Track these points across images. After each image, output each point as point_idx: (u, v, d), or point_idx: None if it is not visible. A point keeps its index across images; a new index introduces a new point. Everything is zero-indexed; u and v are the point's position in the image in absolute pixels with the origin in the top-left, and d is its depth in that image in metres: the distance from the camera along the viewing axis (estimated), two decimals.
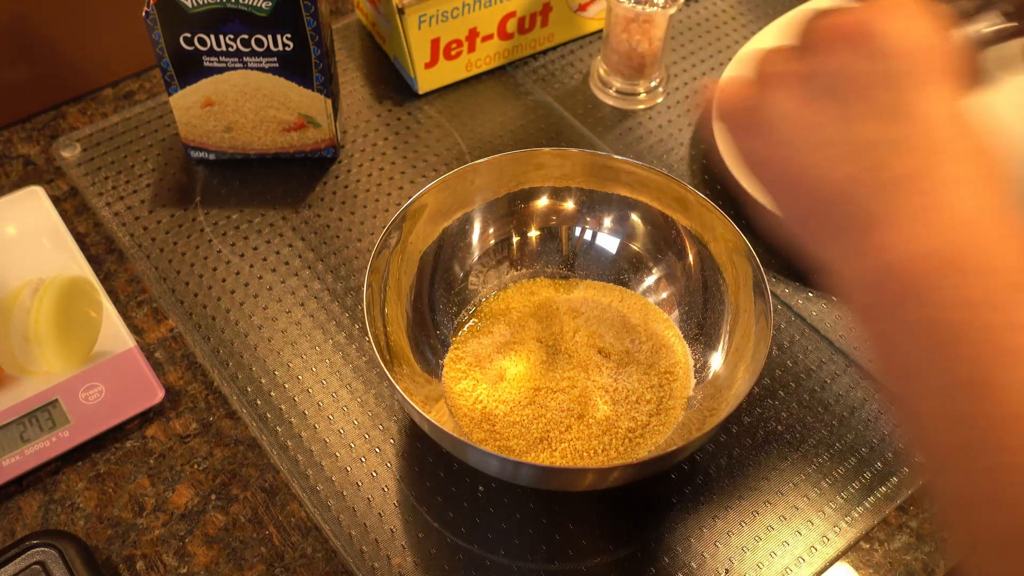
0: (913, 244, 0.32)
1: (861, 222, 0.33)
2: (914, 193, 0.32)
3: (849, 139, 0.33)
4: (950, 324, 0.30)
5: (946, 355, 0.30)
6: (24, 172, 0.68)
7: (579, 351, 0.55)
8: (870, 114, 0.33)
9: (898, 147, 0.33)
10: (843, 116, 0.33)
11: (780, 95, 0.35)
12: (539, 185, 0.59)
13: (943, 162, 0.32)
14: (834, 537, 0.52)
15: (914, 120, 0.33)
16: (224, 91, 0.63)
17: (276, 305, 0.61)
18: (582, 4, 0.75)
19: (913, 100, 0.33)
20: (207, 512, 0.52)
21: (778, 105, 0.35)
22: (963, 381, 0.30)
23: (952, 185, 0.32)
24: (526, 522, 0.52)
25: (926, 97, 0.33)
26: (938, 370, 0.31)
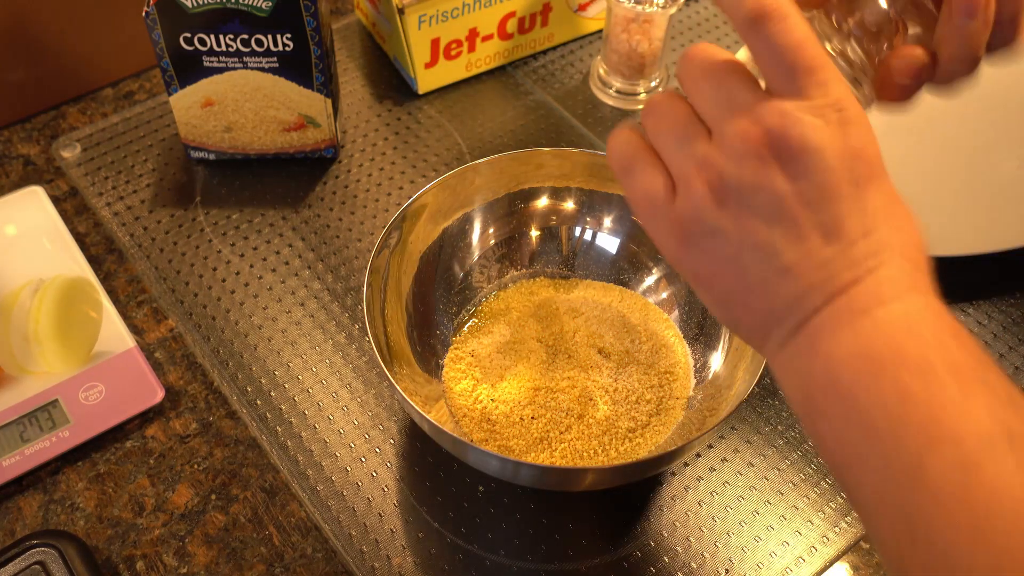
0: (840, 347, 0.33)
1: (799, 331, 0.34)
2: (850, 300, 0.33)
3: (792, 257, 0.33)
4: (882, 421, 0.31)
5: (879, 450, 0.31)
6: (24, 172, 0.68)
7: (579, 351, 0.55)
8: (806, 232, 0.33)
9: (837, 261, 0.33)
10: (782, 236, 0.33)
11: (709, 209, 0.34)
12: (539, 185, 0.59)
13: (873, 267, 0.33)
14: (834, 537, 0.52)
15: (844, 233, 0.33)
16: (224, 91, 0.63)
17: (276, 305, 0.61)
18: (582, 4, 0.75)
19: (841, 213, 0.33)
20: (207, 512, 0.52)
21: (710, 221, 0.34)
22: (897, 472, 0.31)
23: (882, 288, 0.33)
24: (526, 522, 0.52)
25: (851, 209, 0.33)
26: (873, 464, 0.31)
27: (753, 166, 0.33)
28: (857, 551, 0.51)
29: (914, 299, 0.33)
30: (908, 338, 0.32)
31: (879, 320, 0.32)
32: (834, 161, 0.33)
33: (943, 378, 0.31)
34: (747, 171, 0.33)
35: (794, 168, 0.33)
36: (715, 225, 0.34)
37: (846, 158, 0.33)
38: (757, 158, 0.33)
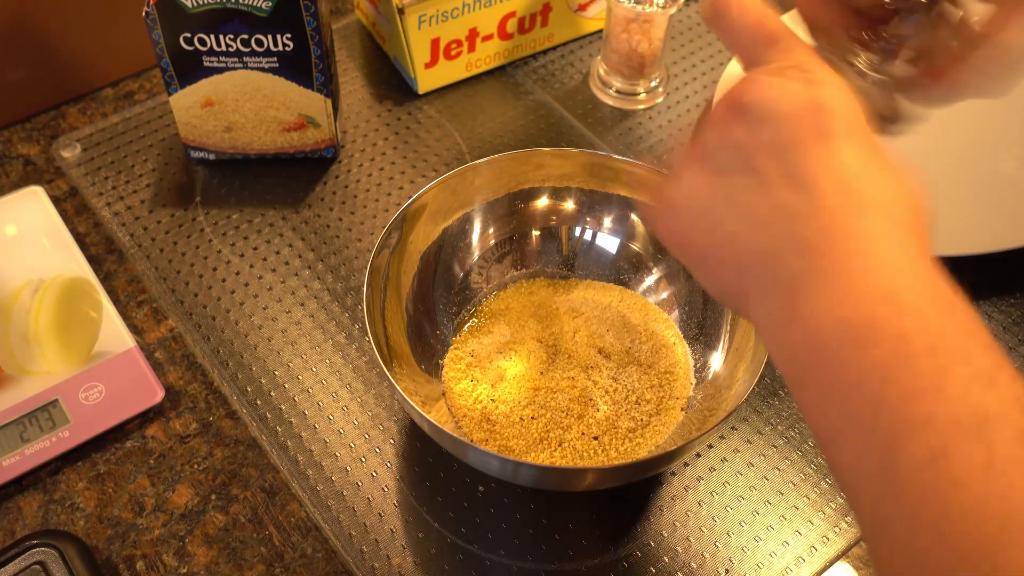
0: (825, 312, 0.32)
1: (780, 291, 0.33)
2: (827, 259, 0.32)
3: (761, 207, 0.34)
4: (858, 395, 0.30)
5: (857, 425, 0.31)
6: (24, 172, 0.68)
7: (579, 351, 0.55)
8: (774, 181, 0.33)
9: (805, 211, 0.33)
10: (750, 185, 0.34)
11: (685, 175, 0.36)
12: (539, 185, 0.59)
13: (851, 223, 0.32)
14: (834, 537, 0.52)
15: (815, 184, 0.33)
16: (224, 91, 0.63)
17: (276, 305, 0.61)
18: (582, 4, 0.75)
19: (807, 163, 0.33)
20: (207, 512, 0.52)
21: (685, 184, 0.36)
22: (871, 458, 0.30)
23: (861, 247, 0.32)
24: (526, 522, 0.52)
25: (820, 159, 0.33)
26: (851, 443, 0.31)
27: (719, 129, 0.35)
28: (857, 551, 0.51)
29: (895, 260, 0.32)
30: (885, 307, 0.31)
31: (858, 284, 0.31)
32: (791, 111, 0.33)
33: (919, 356, 0.30)
34: (714, 134, 0.35)
35: (750, 120, 0.34)
36: (690, 184, 0.36)
37: (807, 109, 0.33)
38: (723, 122, 0.35)
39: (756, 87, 0.34)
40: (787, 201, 0.33)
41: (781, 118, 0.33)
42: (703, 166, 0.36)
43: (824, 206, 0.32)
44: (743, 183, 0.34)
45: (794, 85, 0.34)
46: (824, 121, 0.33)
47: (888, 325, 0.30)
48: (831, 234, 0.32)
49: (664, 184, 0.38)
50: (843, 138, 0.33)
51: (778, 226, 0.33)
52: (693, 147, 0.36)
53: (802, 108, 0.33)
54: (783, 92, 0.33)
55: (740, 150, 0.34)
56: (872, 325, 0.31)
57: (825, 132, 0.33)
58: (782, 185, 0.33)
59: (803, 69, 0.34)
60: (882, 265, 0.31)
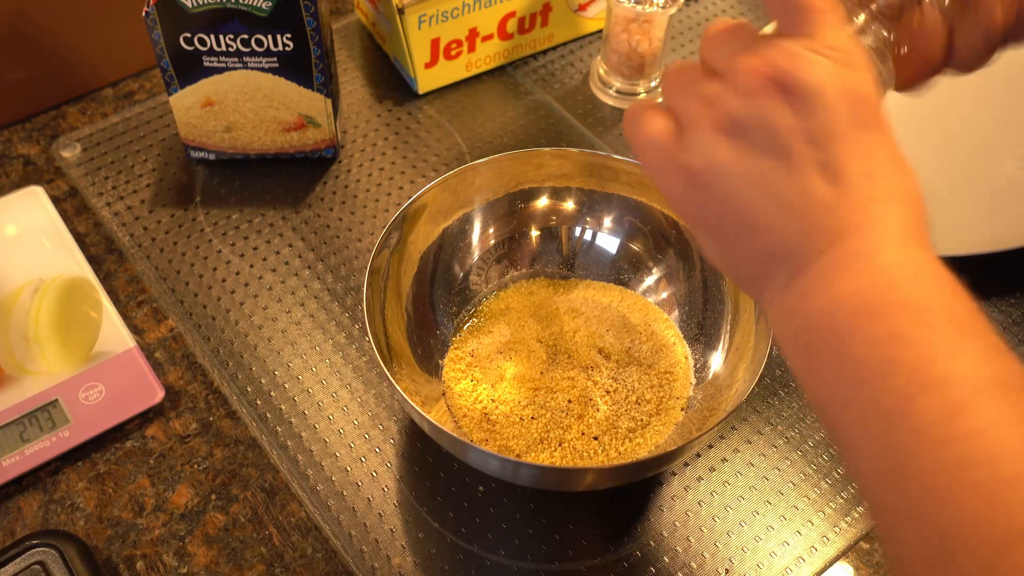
0: (840, 287, 0.33)
1: (799, 273, 0.34)
2: (851, 242, 0.33)
3: (793, 193, 0.34)
4: (873, 360, 0.31)
5: (868, 390, 0.31)
6: (24, 172, 0.68)
7: (579, 351, 0.55)
8: (808, 170, 0.33)
9: (835, 201, 0.33)
10: (784, 172, 0.33)
11: (713, 145, 0.34)
12: (539, 185, 0.59)
13: (875, 213, 0.33)
14: (834, 537, 0.52)
15: (846, 175, 0.33)
16: (224, 91, 0.63)
17: (276, 305, 0.61)
18: (582, 4, 0.75)
19: (843, 154, 0.33)
20: (207, 512, 0.52)
21: (713, 156, 0.34)
22: (884, 412, 0.31)
23: (883, 234, 0.33)
24: (526, 522, 0.52)
25: (853, 151, 0.33)
26: (862, 403, 0.32)
27: (759, 101, 0.34)
28: (857, 551, 0.51)
29: (915, 249, 0.33)
30: (907, 284, 0.32)
31: (879, 264, 0.32)
32: (838, 102, 0.33)
33: (938, 323, 0.31)
34: (754, 106, 0.34)
35: (798, 104, 0.33)
36: (720, 160, 0.34)
37: (850, 101, 0.33)
38: (763, 93, 0.33)
39: (804, 66, 0.33)
40: (819, 190, 0.33)
41: (826, 108, 0.33)
42: (733, 139, 0.34)
43: (851, 197, 0.33)
44: (778, 168, 0.34)
45: (841, 73, 0.33)
46: (861, 113, 0.33)
47: (910, 297, 0.32)
48: (856, 223, 0.33)
49: (681, 146, 0.35)
50: (873, 130, 0.34)
51: (808, 214, 0.33)
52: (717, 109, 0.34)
53: (845, 99, 0.33)
54: (830, 79, 0.33)
55: (779, 132, 0.33)
56: (896, 296, 0.32)
57: (861, 124, 0.33)
58: (816, 174, 0.33)
59: (845, 52, 0.34)
60: (899, 250, 0.33)
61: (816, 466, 0.54)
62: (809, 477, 0.54)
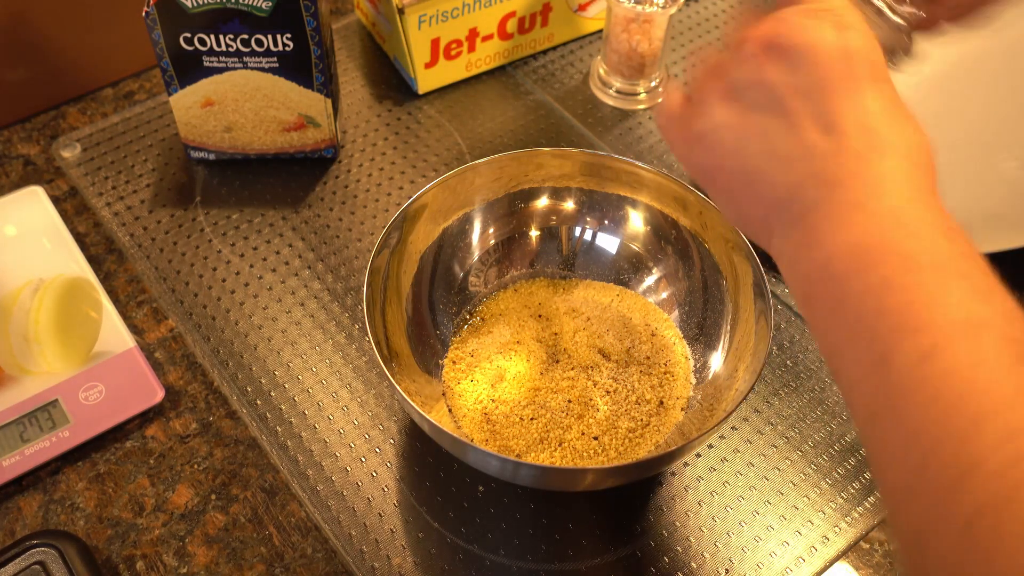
0: (841, 236, 0.34)
1: (800, 222, 0.36)
2: (848, 192, 0.34)
3: (790, 145, 0.36)
4: (865, 309, 0.33)
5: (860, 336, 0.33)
6: (24, 172, 0.68)
7: (579, 351, 0.55)
8: (803, 122, 0.35)
9: (831, 151, 0.35)
10: (781, 125, 0.36)
11: (716, 108, 0.38)
12: (539, 185, 0.59)
13: (872, 162, 0.34)
14: (834, 537, 0.52)
15: (841, 126, 0.35)
16: (224, 91, 0.63)
17: (276, 305, 0.61)
18: (582, 4, 0.75)
19: (836, 107, 0.35)
20: (207, 512, 0.52)
21: (716, 117, 0.37)
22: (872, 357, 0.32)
23: (880, 183, 0.34)
24: (526, 522, 0.52)
25: (847, 103, 0.35)
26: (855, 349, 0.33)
27: (752, 64, 0.36)
28: (857, 551, 0.51)
29: (909, 195, 0.34)
30: (898, 232, 0.33)
31: (874, 213, 0.34)
32: (826, 56, 0.35)
33: (924, 271, 0.32)
34: (749, 68, 0.36)
35: (787, 62, 0.36)
36: (720, 119, 0.37)
37: (839, 55, 0.35)
38: (756, 57, 0.36)
39: (793, 29, 0.35)
40: (815, 141, 0.35)
41: (816, 63, 0.35)
42: (734, 102, 0.37)
43: (848, 147, 0.35)
44: (774, 122, 0.36)
45: (828, 31, 0.35)
46: (854, 67, 0.35)
47: (896, 245, 0.33)
48: (852, 172, 0.34)
49: (691, 114, 0.39)
50: (868, 84, 0.35)
51: (806, 164, 0.35)
52: (722, 80, 0.37)
53: (835, 54, 0.35)
54: (818, 37, 0.35)
55: (773, 90, 0.36)
56: (881, 247, 0.33)
57: (854, 77, 0.35)
58: (811, 126, 0.35)
59: (836, 12, 0.36)
60: (896, 198, 0.34)
61: (816, 466, 0.54)
62: (809, 477, 0.54)
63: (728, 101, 0.37)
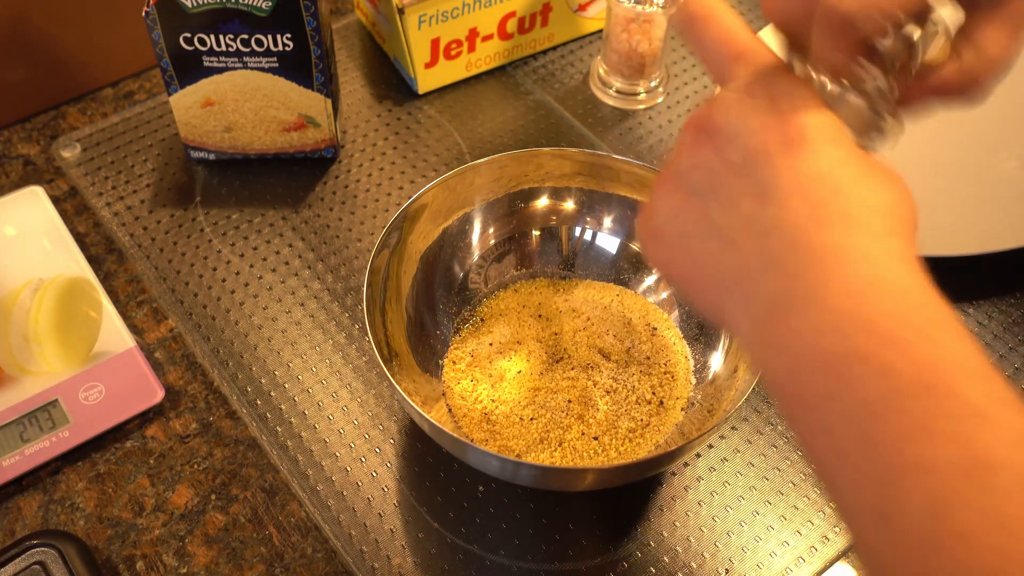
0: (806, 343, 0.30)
1: (757, 312, 0.33)
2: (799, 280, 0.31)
3: (731, 224, 0.34)
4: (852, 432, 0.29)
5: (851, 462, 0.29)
6: (24, 172, 0.68)
7: (579, 351, 0.55)
8: (739, 198, 0.33)
9: (772, 225, 0.32)
10: (718, 204, 0.34)
11: (664, 199, 0.37)
12: (539, 185, 0.59)
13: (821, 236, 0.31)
14: (834, 537, 0.52)
15: (778, 195, 0.32)
16: (224, 91, 0.63)
17: (276, 305, 0.61)
18: (582, 4, 0.75)
19: (768, 176, 0.32)
20: (207, 512, 0.52)
21: (664, 207, 0.37)
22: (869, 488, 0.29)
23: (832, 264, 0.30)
24: (526, 522, 0.52)
25: (785, 170, 0.32)
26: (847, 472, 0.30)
27: (688, 151, 0.36)
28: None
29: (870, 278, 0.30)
30: (864, 337, 0.29)
31: (830, 312, 0.30)
32: (756, 126, 0.33)
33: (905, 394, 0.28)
34: (687, 156, 0.36)
35: (718, 141, 0.34)
36: (669, 212, 0.37)
37: (772, 123, 0.33)
38: (692, 144, 0.36)
39: (721, 106, 0.34)
40: (754, 215, 0.33)
41: (746, 134, 0.33)
42: (677, 189, 0.36)
43: (789, 220, 0.32)
44: (714, 203, 0.34)
45: (759, 102, 0.34)
46: (792, 132, 0.32)
47: (871, 358, 0.29)
48: (799, 250, 0.31)
49: (646, 209, 0.38)
50: (812, 148, 0.32)
51: (748, 242, 0.33)
52: (667, 171, 0.37)
53: (766, 122, 0.33)
54: (747, 109, 0.34)
55: (709, 170, 0.35)
56: (854, 358, 0.29)
57: (793, 143, 0.32)
58: (749, 200, 0.33)
59: (768, 84, 0.34)
60: (855, 286, 0.30)
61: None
62: (809, 477, 0.54)
63: (673, 192, 0.36)
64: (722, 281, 0.35)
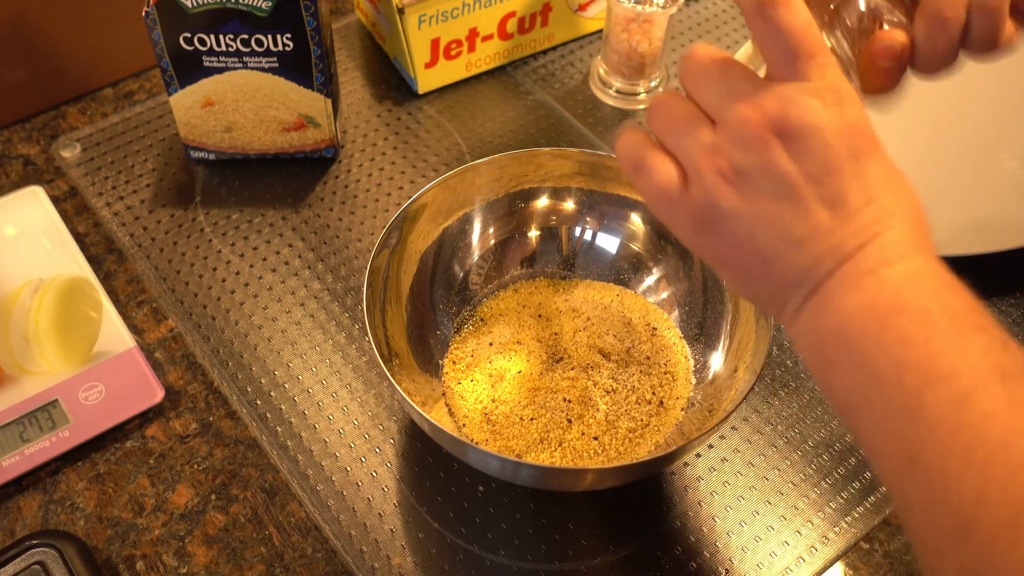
0: (849, 302, 0.35)
1: (814, 294, 0.36)
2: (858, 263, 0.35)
3: (801, 229, 0.36)
4: (884, 364, 0.34)
5: (882, 391, 0.34)
6: (24, 172, 0.68)
7: (579, 351, 0.55)
8: (812, 206, 0.35)
9: (839, 227, 0.35)
10: (791, 211, 0.36)
11: (723, 196, 0.36)
12: (539, 185, 0.59)
13: (878, 232, 0.35)
14: (834, 537, 0.52)
15: (849, 203, 0.35)
16: (224, 91, 0.63)
17: (276, 305, 0.61)
18: (582, 4, 0.75)
19: (843, 186, 0.35)
20: (207, 512, 0.52)
21: (725, 206, 0.36)
22: (898, 410, 0.33)
23: (886, 250, 0.35)
24: (526, 522, 0.52)
25: (852, 180, 0.35)
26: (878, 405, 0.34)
27: (758, 149, 0.35)
28: (857, 551, 0.51)
29: (915, 258, 0.35)
30: (910, 291, 0.34)
31: (884, 278, 0.35)
32: (833, 138, 0.35)
33: (941, 324, 0.33)
34: (753, 155, 0.35)
35: (796, 147, 0.35)
36: (729, 208, 0.36)
37: (844, 134, 0.35)
38: (761, 141, 0.35)
39: (799, 111, 0.35)
40: (825, 222, 0.35)
41: (824, 147, 0.35)
42: (741, 187, 0.36)
43: (856, 221, 0.35)
44: (785, 208, 0.36)
45: (833, 111, 0.35)
46: (858, 144, 0.35)
47: (914, 304, 0.34)
48: (863, 245, 0.35)
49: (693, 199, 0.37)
50: (870, 157, 0.36)
51: (817, 244, 0.36)
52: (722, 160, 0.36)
53: (842, 134, 0.35)
54: (824, 119, 0.35)
55: (784, 176, 0.35)
56: (900, 304, 0.34)
57: (859, 155, 0.35)
58: (820, 208, 0.35)
59: (835, 89, 0.36)
60: (903, 262, 0.35)
61: (816, 466, 0.54)
62: (809, 477, 0.54)
63: (734, 187, 0.36)
64: (786, 276, 0.37)
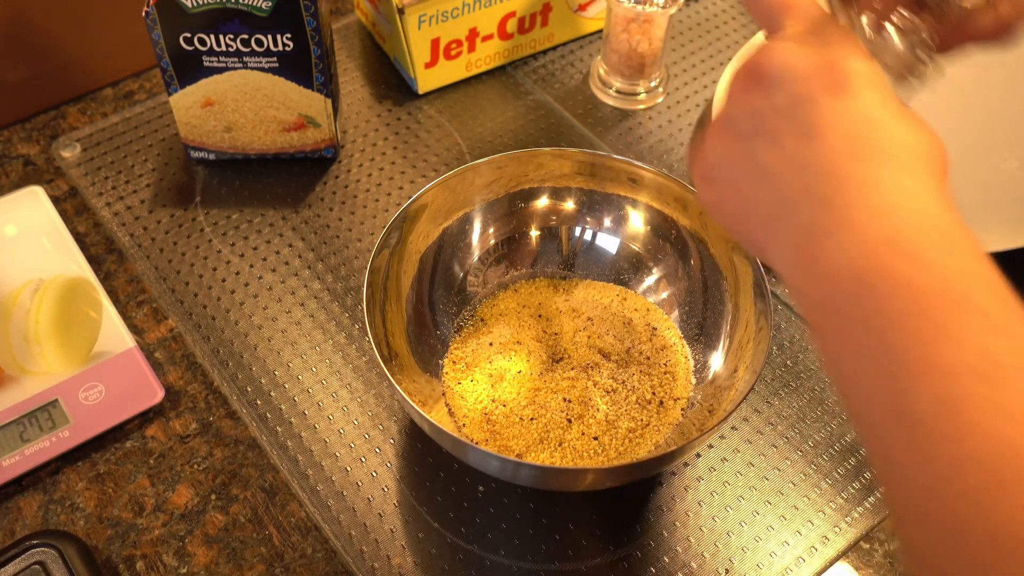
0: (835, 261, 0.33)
1: (796, 238, 0.35)
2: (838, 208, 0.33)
3: (774, 162, 0.36)
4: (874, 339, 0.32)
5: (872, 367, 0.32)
6: (24, 172, 0.68)
7: (579, 351, 0.55)
8: (784, 138, 0.35)
9: (812, 160, 0.34)
10: (764, 145, 0.36)
11: (715, 144, 0.39)
12: (539, 185, 0.59)
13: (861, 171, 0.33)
14: (834, 537, 0.52)
15: (822, 134, 0.34)
16: (224, 91, 0.63)
17: (276, 305, 0.61)
18: (582, 4, 0.75)
19: (812, 117, 0.35)
20: (207, 512, 0.52)
21: (715, 152, 0.39)
22: (893, 403, 0.31)
23: (870, 195, 0.33)
24: (526, 522, 0.52)
25: (829, 112, 0.34)
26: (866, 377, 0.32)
27: (739, 98, 0.37)
28: (857, 551, 0.51)
29: (906, 207, 0.33)
30: (889, 253, 0.32)
31: (860, 231, 0.32)
32: (803, 71, 0.35)
33: (924, 301, 0.31)
34: (735, 101, 0.37)
35: (766, 86, 0.36)
36: (718, 154, 0.38)
37: (820, 69, 0.35)
38: (742, 89, 0.37)
39: (772, 53, 0.36)
40: (796, 152, 0.35)
41: (795, 80, 0.35)
42: (727, 134, 0.38)
43: (828, 155, 0.34)
44: (760, 144, 0.36)
45: (808, 49, 0.36)
46: (837, 77, 0.35)
47: (894, 271, 0.31)
48: (834, 180, 0.34)
49: (700, 154, 0.40)
50: (855, 92, 0.34)
51: (788, 177, 0.35)
52: (719, 118, 0.39)
53: (815, 68, 0.35)
54: (797, 55, 0.35)
55: (757, 114, 0.36)
56: (879, 272, 0.32)
57: (837, 87, 0.34)
58: (792, 139, 0.35)
59: (817, 33, 0.36)
60: (884, 210, 0.32)
61: (816, 466, 0.54)
62: (809, 477, 0.54)
63: (723, 137, 0.38)
64: (766, 216, 0.36)
